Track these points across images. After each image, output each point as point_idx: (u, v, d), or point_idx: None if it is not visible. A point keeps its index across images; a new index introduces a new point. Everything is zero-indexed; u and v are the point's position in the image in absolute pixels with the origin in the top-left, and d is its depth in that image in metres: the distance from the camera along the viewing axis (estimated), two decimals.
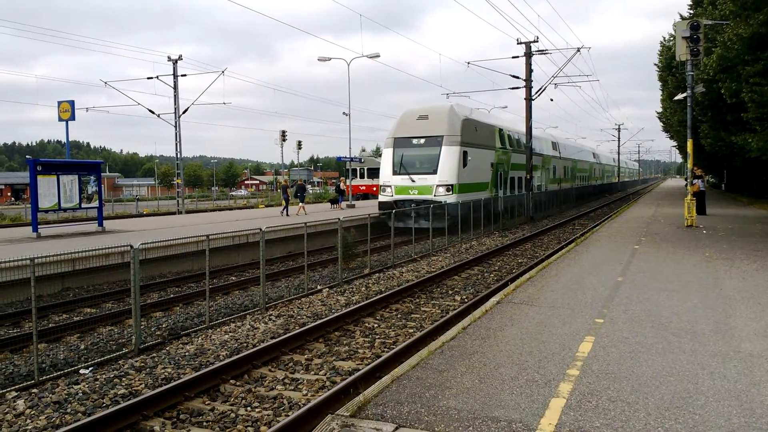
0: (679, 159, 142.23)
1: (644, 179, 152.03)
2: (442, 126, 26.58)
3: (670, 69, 40.00)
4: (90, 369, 8.57)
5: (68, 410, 7.05)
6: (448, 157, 26.02)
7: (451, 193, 25.59)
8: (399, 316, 11.64)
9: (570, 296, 10.16)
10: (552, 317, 8.71)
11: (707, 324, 8.20)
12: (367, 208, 30.45)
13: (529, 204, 33.45)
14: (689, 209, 22.26)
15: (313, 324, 10.38)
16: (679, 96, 25.94)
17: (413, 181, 26.24)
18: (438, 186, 25.75)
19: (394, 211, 20.29)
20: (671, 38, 40.70)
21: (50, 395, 7.49)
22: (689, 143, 22.52)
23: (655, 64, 47.26)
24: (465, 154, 26.74)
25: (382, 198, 27.30)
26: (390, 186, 26.82)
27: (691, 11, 35.49)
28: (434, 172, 25.99)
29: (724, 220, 25.39)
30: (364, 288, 14.26)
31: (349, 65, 38.91)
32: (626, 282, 11.32)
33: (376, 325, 10.90)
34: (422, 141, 26.64)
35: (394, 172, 26.81)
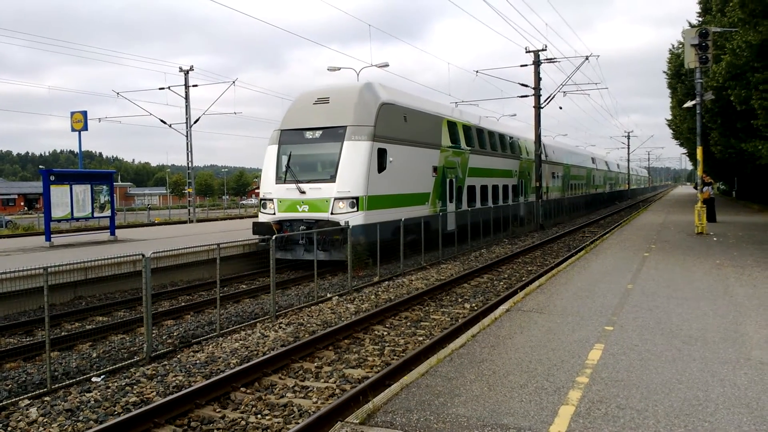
0: (689, 166, 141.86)
1: (654, 186, 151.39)
2: (347, 112, 18.84)
3: (679, 76, 39.95)
4: (102, 377, 8.63)
5: (80, 418, 7.12)
6: (353, 156, 18.21)
7: (356, 209, 17.88)
8: (408, 324, 11.66)
9: (580, 304, 10.16)
10: (561, 325, 8.72)
11: (717, 331, 8.18)
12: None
13: (539, 212, 33.40)
14: (699, 216, 22.18)
15: (323, 332, 10.43)
16: (689, 103, 25.89)
17: (303, 192, 18.30)
18: (336, 199, 17.95)
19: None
20: (680, 46, 40.64)
21: (62, 403, 7.56)
22: (699, 150, 22.48)
23: (664, 72, 47.21)
24: (382, 153, 18.97)
25: (261, 217, 19.33)
26: (272, 199, 18.98)
27: (700, 19, 35.47)
28: (332, 178, 18.21)
29: (735, 227, 25.26)
30: (373, 296, 14.29)
31: (358, 75, 39.09)
32: (636, 290, 11.30)
33: (385, 333, 10.92)
34: (318, 134, 18.95)
35: (278, 179, 18.99)
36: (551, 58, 33.55)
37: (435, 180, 22.73)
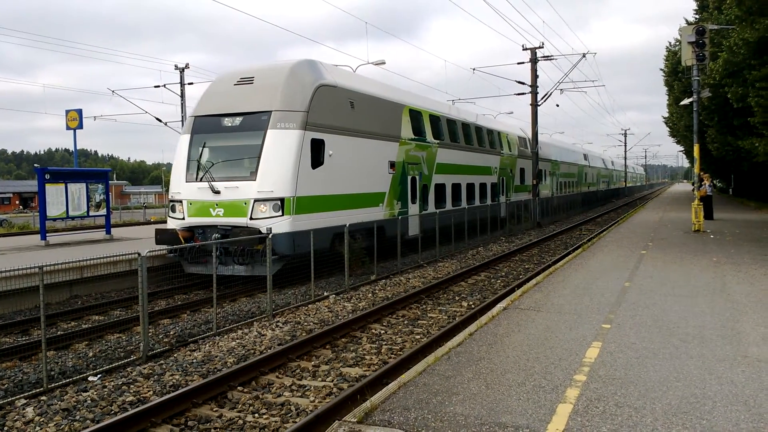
0: (686, 164, 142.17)
1: (650, 184, 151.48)
2: (273, 95, 15.56)
3: (676, 74, 40.03)
4: (98, 376, 8.61)
5: (77, 417, 7.09)
6: (279, 148, 15.01)
7: (281, 213, 14.77)
8: (406, 322, 11.65)
9: (577, 301, 10.15)
10: (559, 323, 8.71)
11: (715, 329, 8.18)
12: None
13: (536, 210, 33.41)
14: (696, 214, 22.21)
15: (320, 330, 10.41)
16: (686, 101, 25.96)
17: (217, 192, 15.14)
18: (257, 201, 14.79)
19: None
20: (677, 43, 40.73)
21: (59, 402, 7.53)
22: (696, 148, 22.50)
23: (661, 69, 47.33)
24: (318, 144, 15.88)
25: (170, 222, 16.23)
26: (180, 201, 15.79)
27: (697, 16, 35.54)
28: (252, 175, 15.01)
29: (732, 224, 25.30)
30: (370, 294, 14.27)
31: (355, 72, 39.02)
32: (633, 287, 11.30)
33: (382, 332, 10.91)
34: (237, 122, 15.73)
35: (189, 177, 15.80)
36: (548, 56, 33.52)
37: (392, 178, 19.73)
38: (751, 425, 5.07)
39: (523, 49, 33.32)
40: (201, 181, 15.55)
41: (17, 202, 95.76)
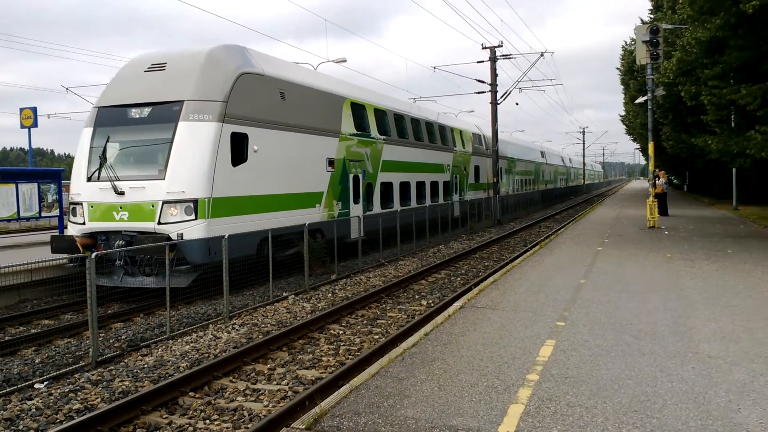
0: (642, 161, 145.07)
1: (608, 181, 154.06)
2: (186, 83, 13.92)
3: (631, 73, 40.72)
4: (45, 383, 8.33)
5: (20, 427, 6.85)
6: (192, 143, 13.40)
7: (194, 217, 13.18)
8: (365, 322, 11.57)
9: (533, 299, 10.21)
10: (514, 321, 8.73)
11: (666, 325, 8.29)
12: None
13: (496, 207, 33.62)
14: (651, 210, 22.61)
15: (277, 332, 10.26)
16: (641, 99, 26.38)
17: (121, 193, 13.45)
18: (166, 203, 13.16)
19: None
20: (632, 42, 41.39)
21: (1, 412, 7.25)
22: (651, 146, 22.92)
23: (617, 68, 48.11)
24: (240, 139, 14.34)
25: (70, 227, 14.32)
26: (81, 203, 14.03)
27: (652, 16, 36.19)
28: (160, 174, 13.40)
29: (686, 220, 25.84)
30: (330, 294, 14.15)
31: (316, 70, 38.74)
32: (588, 284, 11.42)
33: (341, 332, 10.81)
34: (146, 113, 14.00)
35: (91, 176, 14.00)
36: (507, 55, 33.77)
37: (332, 176, 18.19)
38: (700, 423, 5.12)
39: (483, 48, 33.52)
40: (103, 180, 13.83)
41: None
